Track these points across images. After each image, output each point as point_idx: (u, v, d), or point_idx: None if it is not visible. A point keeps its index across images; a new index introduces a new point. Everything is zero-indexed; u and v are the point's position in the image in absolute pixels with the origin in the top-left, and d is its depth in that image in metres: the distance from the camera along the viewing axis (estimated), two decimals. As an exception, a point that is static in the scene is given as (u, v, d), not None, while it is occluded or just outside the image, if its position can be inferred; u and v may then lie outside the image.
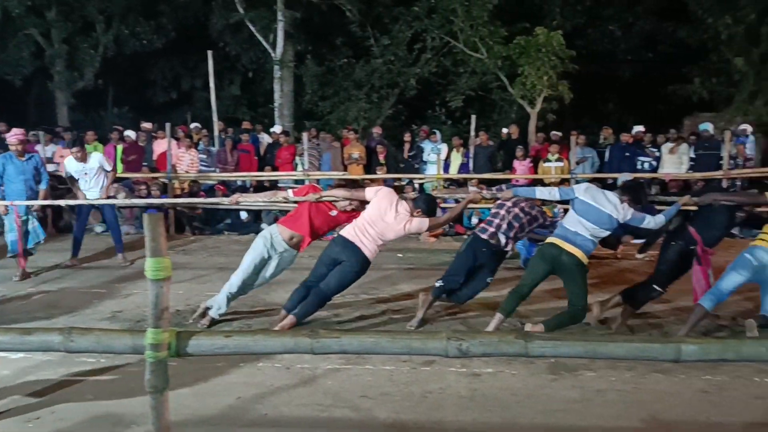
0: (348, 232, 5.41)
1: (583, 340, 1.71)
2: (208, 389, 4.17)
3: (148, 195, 11.29)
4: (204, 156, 12.58)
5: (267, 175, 11.91)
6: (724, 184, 10.25)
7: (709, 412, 3.84)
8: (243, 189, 11.67)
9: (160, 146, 12.50)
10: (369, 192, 5.56)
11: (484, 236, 5.55)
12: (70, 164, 8.26)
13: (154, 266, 2.41)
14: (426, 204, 5.50)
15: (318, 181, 11.50)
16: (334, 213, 5.71)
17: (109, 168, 8.45)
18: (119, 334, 2.63)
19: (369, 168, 12.19)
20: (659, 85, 16.62)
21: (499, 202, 5.77)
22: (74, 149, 8.35)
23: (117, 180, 11.63)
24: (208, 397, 4.04)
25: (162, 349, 2.44)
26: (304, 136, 11.79)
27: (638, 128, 11.90)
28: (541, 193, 5.42)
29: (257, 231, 11.26)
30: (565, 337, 1.73)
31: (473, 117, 12.90)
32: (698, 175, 10.67)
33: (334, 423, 3.72)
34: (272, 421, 3.72)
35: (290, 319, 5.33)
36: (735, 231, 9.02)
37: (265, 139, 13.42)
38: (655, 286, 5.46)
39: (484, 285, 5.71)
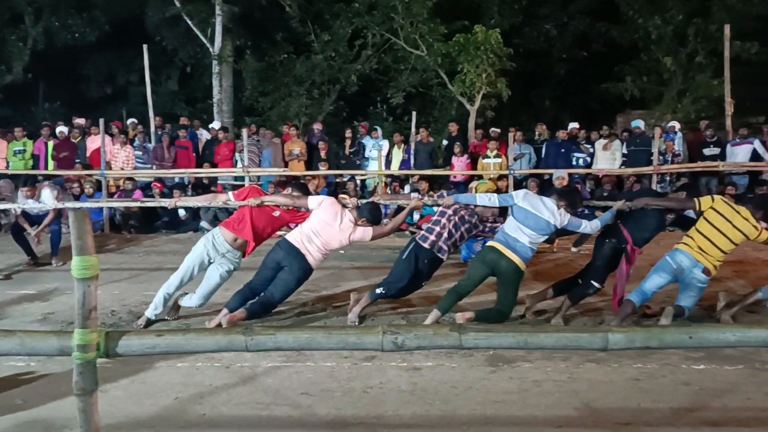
0: (294, 237, 5.41)
1: (515, 331, 1.75)
2: (144, 390, 4.09)
3: (81, 193, 10.95)
4: (140, 153, 12.29)
5: (206, 172, 11.71)
6: (654, 179, 10.65)
7: (639, 398, 3.98)
8: (181, 186, 11.44)
9: (93, 143, 12.14)
10: (312, 201, 5.57)
11: (426, 245, 5.61)
12: (21, 201, 7.98)
13: (80, 265, 2.33)
14: (370, 213, 5.57)
15: (258, 178, 11.39)
16: (277, 214, 5.68)
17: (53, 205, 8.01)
18: (44, 336, 2.53)
19: (310, 164, 12.14)
20: (593, 83, 17.10)
21: (440, 209, 5.84)
22: (24, 189, 8.05)
23: (47, 177, 11.26)
24: (144, 398, 3.95)
25: (90, 350, 2.37)
26: (244, 132, 11.64)
27: (573, 125, 12.23)
28: (481, 200, 5.53)
29: (196, 229, 11.12)
30: (498, 328, 1.76)
31: (414, 114, 13.01)
32: (630, 170, 11.04)
33: (274, 421, 3.69)
34: (210, 420, 3.67)
35: (241, 312, 5.25)
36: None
37: (204, 135, 13.18)
38: (593, 282, 5.63)
39: (419, 287, 5.83)
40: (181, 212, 11.34)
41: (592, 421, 3.65)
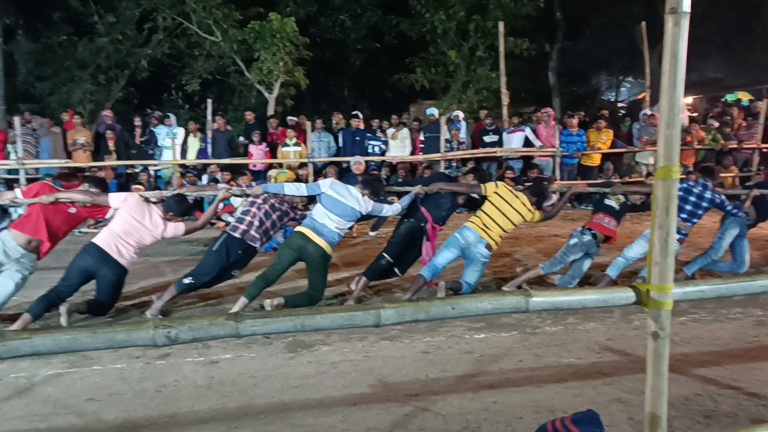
0: (102, 241, 5.10)
1: (291, 315, 1.79)
2: None
3: None
4: None
5: (-29, 165, 10.42)
6: (442, 164, 11.40)
7: (428, 370, 4.27)
8: (-60, 182, 10.07)
9: None
10: (114, 200, 5.29)
11: (237, 234, 5.56)
12: None
13: None
14: (177, 205, 5.47)
15: (37, 170, 10.38)
16: (73, 210, 5.28)
17: None
18: None
19: (97, 154, 11.30)
20: (386, 73, 17.82)
21: (249, 199, 5.81)
22: None
23: None
24: None
25: None
26: (16, 120, 10.50)
27: (356, 114, 12.53)
28: (289, 189, 5.62)
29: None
30: (274, 314, 1.79)
31: (209, 101, 12.63)
32: (421, 157, 11.70)
33: (54, 432, 3.42)
34: (-22, 441, 3.32)
35: (26, 317, 4.88)
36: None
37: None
38: (384, 254, 6.06)
39: (230, 278, 5.77)
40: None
41: (385, 396, 3.85)
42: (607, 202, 6.39)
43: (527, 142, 12.11)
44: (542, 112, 12.60)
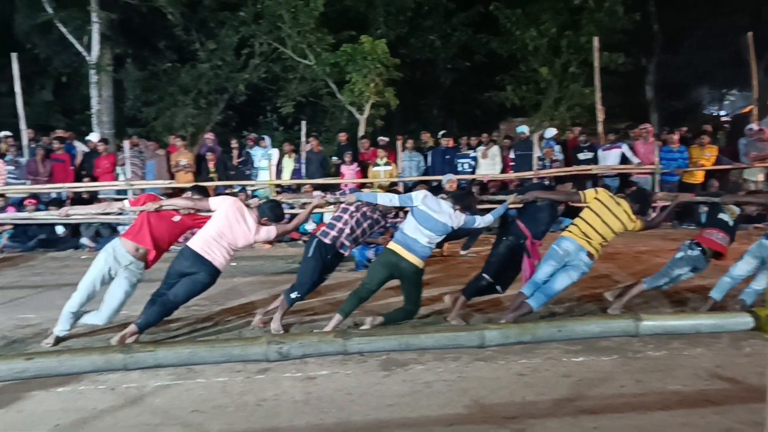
0: (196, 244, 5.26)
1: (396, 333, 1.81)
2: (20, 420, 3.84)
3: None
4: (12, 167, 11.51)
5: (85, 186, 11.13)
6: (546, 183, 11.19)
7: (524, 392, 4.18)
8: (58, 202, 10.80)
9: (-42, 157, 11.26)
10: (213, 202, 5.46)
11: (327, 240, 5.64)
12: None
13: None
14: (271, 211, 5.53)
15: (143, 191, 10.97)
16: (177, 218, 5.49)
17: None
18: None
19: (198, 176, 11.83)
20: (476, 91, 17.77)
21: (342, 206, 5.88)
22: None
23: None
24: (20, 428, 3.71)
25: (-46, 377, 2.20)
26: (125, 144, 11.17)
27: (445, 132, 12.55)
28: (382, 199, 5.61)
29: (76, 246, 10.55)
30: (380, 332, 1.81)
31: (303, 123, 12.99)
32: (513, 175, 11.55)
33: (163, 442, 3.58)
34: (95, 447, 3.51)
35: (131, 328, 5.09)
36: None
37: (82, 147, 12.53)
38: (484, 275, 5.95)
39: (322, 281, 5.87)
40: (60, 229, 10.73)
41: (481, 418, 3.80)
42: (721, 216, 6.05)
43: (624, 160, 11.73)
44: (641, 128, 12.18)
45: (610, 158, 11.75)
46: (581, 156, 11.87)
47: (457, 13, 17.63)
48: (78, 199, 11.22)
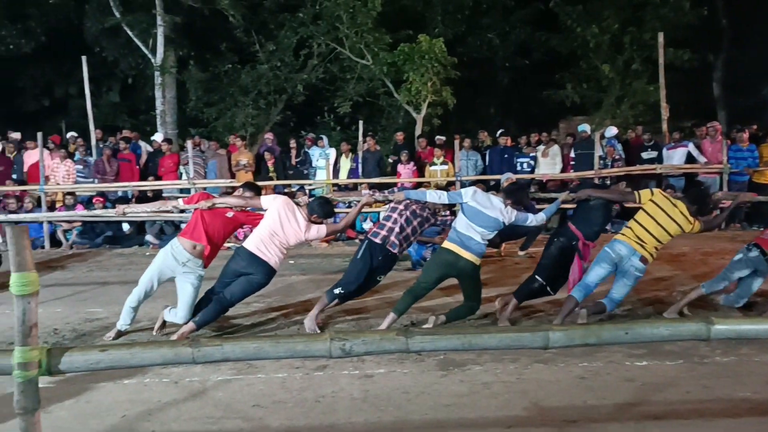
0: (251, 244, 5.34)
1: (459, 333, 1.79)
2: (89, 410, 3.98)
3: (20, 209, 10.62)
4: (81, 167, 11.98)
5: (150, 184, 11.49)
6: (597, 182, 10.95)
7: (585, 396, 4.09)
8: (124, 200, 11.19)
9: (30, 157, 11.80)
10: (265, 200, 5.52)
11: (378, 240, 5.64)
12: None
13: (19, 281, 2.27)
14: (321, 207, 5.55)
15: (204, 189, 11.24)
16: (230, 214, 5.58)
17: None
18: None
19: (258, 175, 12.05)
20: (535, 90, 17.49)
21: (391, 205, 5.87)
22: None
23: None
24: (89, 418, 3.85)
25: (31, 367, 2.30)
26: (189, 144, 11.47)
27: (503, 131, 12.44)
28: (431, 196, 5.58)
29: (141, 243, 10.89)
30: (443, 331, 1.80)
31: (360, 122, 13.06)
32: (573, 175, 11.32)
33: (225, 435, 3.65)
34: (160, 438, 3.61)
35: (189, 326, 5.23)
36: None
37: (146, 147, 12.94)
38: (537, 277, 5.83)
39: (375, 283, 5.86)
40: (125, 226, 11.10)
41: (540, 420, 3.74)
42: None
43: (689, 159, 11.35)
44: (708, 126, 11.76)
45: (675, 157, 11.39)
46: (645, 155, 11.55)
47: (515, 10, 17.42)
48: (143, 198, 11.59)
